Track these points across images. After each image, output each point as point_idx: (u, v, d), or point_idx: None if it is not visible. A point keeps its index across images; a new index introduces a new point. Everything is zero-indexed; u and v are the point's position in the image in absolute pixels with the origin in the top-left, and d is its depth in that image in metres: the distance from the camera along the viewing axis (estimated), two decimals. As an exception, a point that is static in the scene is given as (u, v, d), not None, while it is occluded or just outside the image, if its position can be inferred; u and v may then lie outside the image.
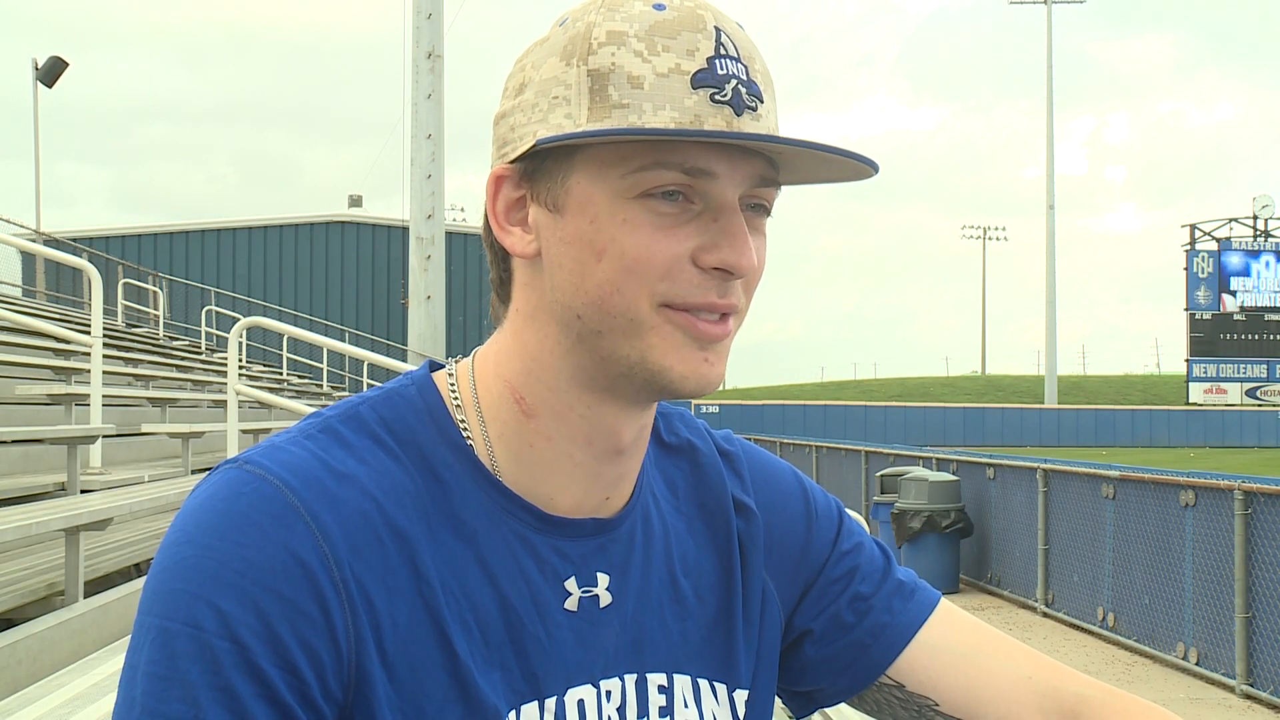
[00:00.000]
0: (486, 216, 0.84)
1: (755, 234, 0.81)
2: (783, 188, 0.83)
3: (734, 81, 0.78)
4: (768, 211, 0.83)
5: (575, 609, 0.85)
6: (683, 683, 0.89)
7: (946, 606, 1.00)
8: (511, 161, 0.82)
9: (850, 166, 0.79)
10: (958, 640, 0.98)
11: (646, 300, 0.78)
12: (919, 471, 11.67)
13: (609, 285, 0.78)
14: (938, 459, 12.66)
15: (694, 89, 0.76)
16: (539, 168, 0.80)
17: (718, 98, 0.77)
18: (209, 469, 0.82)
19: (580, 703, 0.84)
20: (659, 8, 0.78)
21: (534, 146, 0.79)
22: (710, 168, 0.77)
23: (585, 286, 0.79)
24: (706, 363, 0.80)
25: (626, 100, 0.76)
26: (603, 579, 0.86)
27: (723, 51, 0.78)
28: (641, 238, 0.77)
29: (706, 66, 0.77)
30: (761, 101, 0.79)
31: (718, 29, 0.79)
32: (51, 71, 20.76)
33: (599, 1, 0.80)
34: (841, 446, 17.37)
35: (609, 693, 0.85)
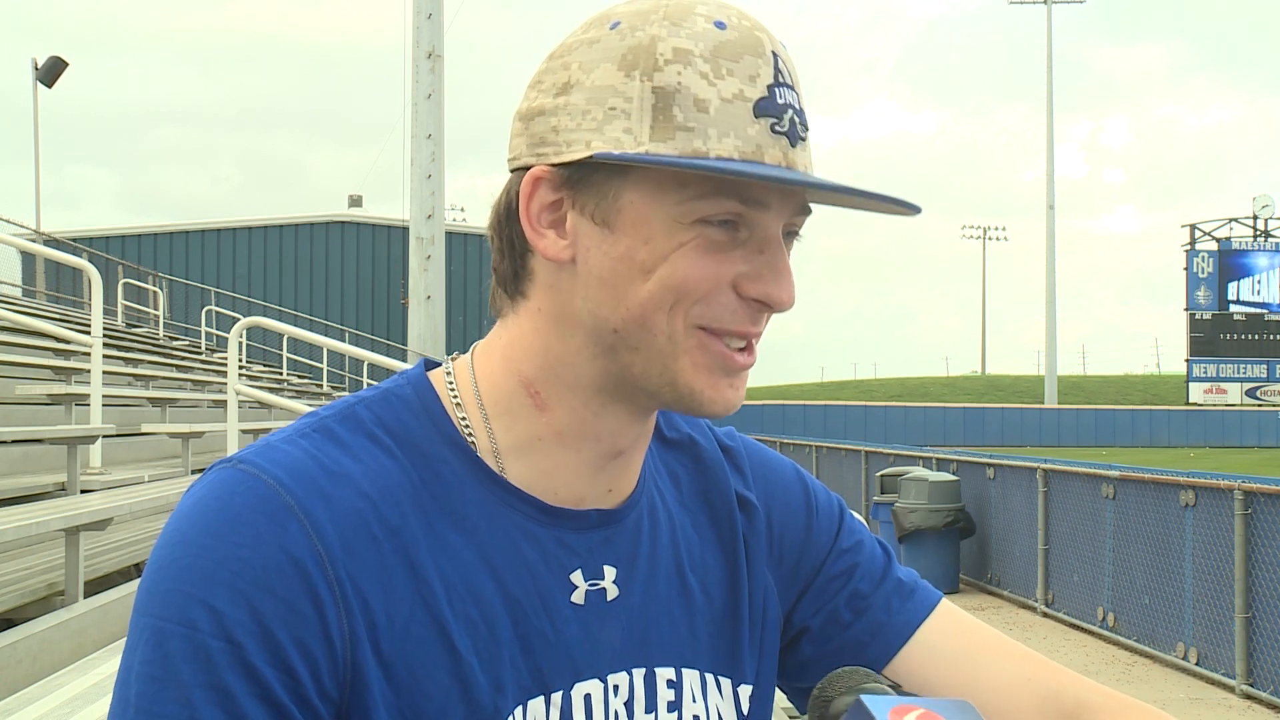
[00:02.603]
0: (514, 212, 0.82)
1: None
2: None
3: (790, 112, 0.78)
4: (798, 236, 0.83)
5: (582, 602, 0.84)
6: (691, 677, 0.89)
7: (946, 607, 0.99)
8: (554, 165, 0.80)
9: (887, 204, 0.79)
10: (956, 641, 0.97)
11: (683, 321, 0.78)
12: (919, 471, 11.67)
13: (652, 304, 0.78)
14: (938, 459, 12.65)
15: (756, 118, 0.76)
16: (586, 178, 0.79)
17: (777, 128, 0.77)
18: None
19: (587, 697, 0.83)
20: (720, 26, 0.77)
21: (590, 158, 0.77)
22: (766, 200, 0.78)
23: (627, 303, 0.78)
24: (733, 389, 0.82)
25: (691, 123, 0.75)
26: (609, 572, 0.86)
27: (780, 79, 0.78)
28: (693, 261, 0.77)
29: (768, 95, 0.77)
30: (808, 130, 0.80)
31: (774, 54, 0.78)
32: (51, 71, 20.76)
33: (659, 12, 0.78)
34: (841, 446, 17.35)
35: (616, 687, 0.85)
